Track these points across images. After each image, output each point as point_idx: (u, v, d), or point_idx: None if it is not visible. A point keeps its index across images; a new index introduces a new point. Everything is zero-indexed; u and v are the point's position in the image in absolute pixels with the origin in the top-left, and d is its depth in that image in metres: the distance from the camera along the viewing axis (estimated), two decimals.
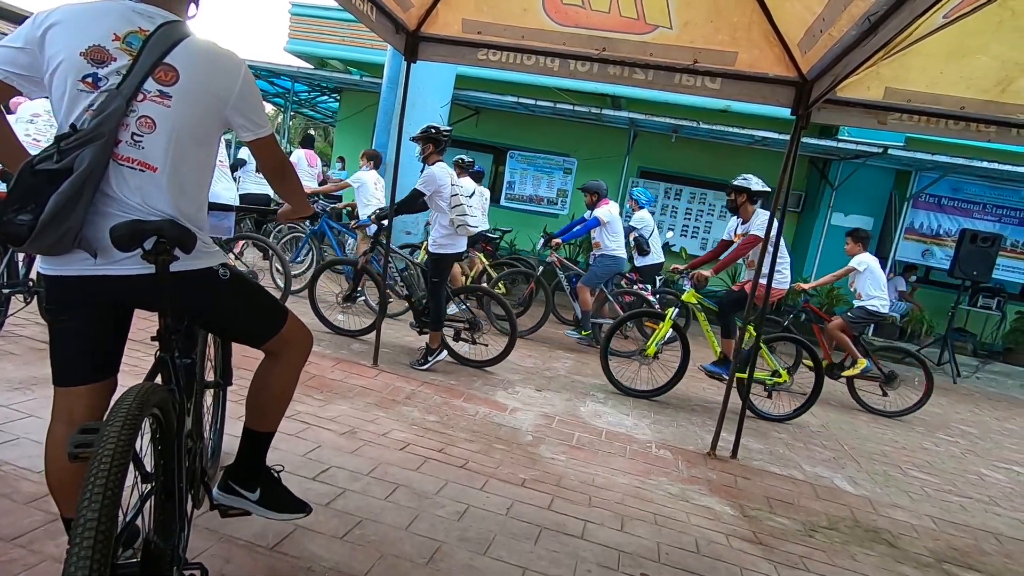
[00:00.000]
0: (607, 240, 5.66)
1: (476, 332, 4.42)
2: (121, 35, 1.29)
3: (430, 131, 4.04)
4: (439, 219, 4.08)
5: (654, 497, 2.73)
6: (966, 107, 2.86)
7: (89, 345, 1.37)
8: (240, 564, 1.74)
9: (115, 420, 1.06)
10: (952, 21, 2.03)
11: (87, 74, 1.27)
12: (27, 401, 2.50)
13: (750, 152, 10.09)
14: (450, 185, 4.01)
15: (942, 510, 3.20)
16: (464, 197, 4.06)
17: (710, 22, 3.00)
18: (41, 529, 1.72)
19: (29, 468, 1.99)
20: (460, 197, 4.02)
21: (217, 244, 1.55)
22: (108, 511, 0.95)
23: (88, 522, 0.93)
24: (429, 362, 4.11)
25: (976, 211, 9.22)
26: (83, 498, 0.95)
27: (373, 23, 3.16)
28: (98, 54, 1.27)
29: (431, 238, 4.16)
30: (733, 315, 4.40)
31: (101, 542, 0.93)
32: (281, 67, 10.67)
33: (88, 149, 1.23)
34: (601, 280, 5.75)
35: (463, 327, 4.43)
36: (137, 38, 1.30)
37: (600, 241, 5.70)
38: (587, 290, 5.71)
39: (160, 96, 1.31)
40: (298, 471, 2.34)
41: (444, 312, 4.20)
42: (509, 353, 4.35)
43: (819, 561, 2.40)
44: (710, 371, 4.46)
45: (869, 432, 4.51)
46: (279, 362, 1.61)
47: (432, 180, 3.98)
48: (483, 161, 11.55)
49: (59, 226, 1.22)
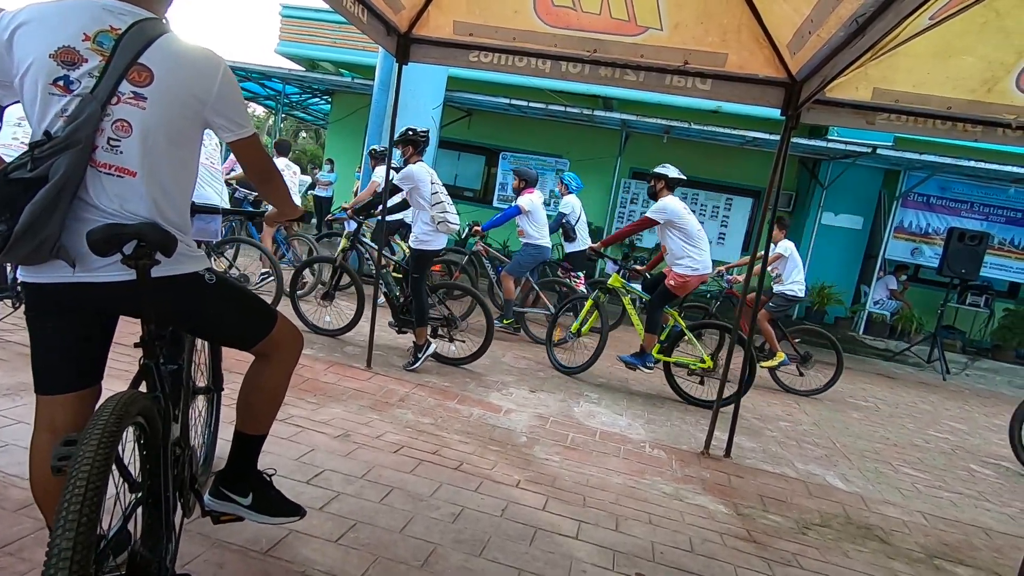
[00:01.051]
0: (529, 228, 5.74)
1: (452, 329, 4.45)
2: (91, 35, 1.24)
3: (407, 134, 4.12)
4: (420, 216, 4.11)
5: (648, 497, 2.74)
6: (952, 107, 2.89)
7: (70, 353, 1.34)
8: (233, 570, 1.73)
9: (91, 436, 1.03)
10: (938, 22, 2.06)
11: (58, 77, 1.22)
12: (15, 408, 2.47)
13: (741, 152, 10.16)
14: (429, 183, 4.04)
15: (933, 506, 3.23)
16: (444, 195, 4.09)
17: (700, 24, 3.02)
18: (30, 537, 1.70)
19: (18, 475, 1.97)
20: (440, 195, 4.06)
21: (206, 248, 1.52)
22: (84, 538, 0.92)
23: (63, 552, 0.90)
24: (419, 359, 4.12)
25: (964, 210, 9.32)
26: (57, 524, 0.92)
27: (364, 25, 3.16)
28: (68, 55, 1.23)
29: (413, 234, 4.19)
30: (661, 308, 4.50)
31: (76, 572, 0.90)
32: (272, 69, 10.64)
33: (63, 156, 1.19)
34: (525, 269, 5.82)
35: (439, 324, 4.45)
36: (108, 37, 1.25)
37: (523, 229, 5.77)
38: (511, 279, 5.79)
39: (135, 98, 1.26)
40: (291, 475, 2.32)
41: (427, 308, 4.22)
42: (486, 350, 4.36)
43: (812, 558, 2.41)
44: (627, 361, 4.55)
45: (861, 430, 4.54)
46: (270, 364, 1.59)
47: (410, 178, 4.03)
48: (475, 163, 11.59)
49: (34, 236, 1.19)
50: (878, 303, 9.63)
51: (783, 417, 4.53)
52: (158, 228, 1.26)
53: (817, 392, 5.37)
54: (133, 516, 1.30)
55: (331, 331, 4.64)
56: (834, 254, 9.89)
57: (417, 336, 4.19)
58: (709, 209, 10.60)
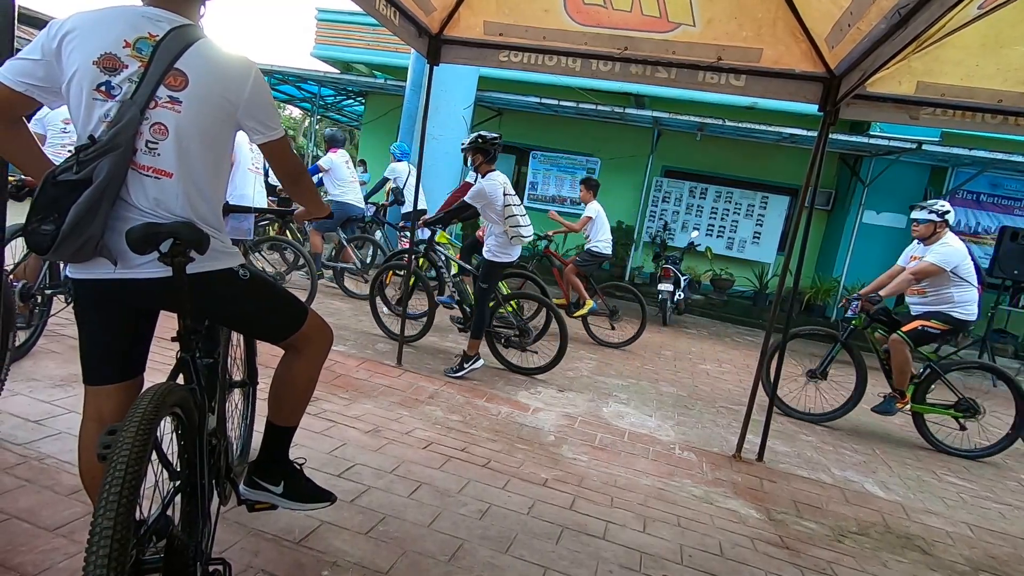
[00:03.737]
0: (331, 187, 6.17)
1: (525, 339, 4.31)
2: (131, 41, 1.30)
3: (477, 141, 3.97)
4: (492, 228, 4.02)
5: (677, 499, 2.71)
6: (1003, 100, 2.77)
7: (114, 345, 1.41)
8: (268, 557, 1.79)
9: (130, 424, 1.08)
10: (987, 12, 1.97)
11: (101, 83, 1.29)
12: (68, 398, 2.60)
13: (777, 149, 9.90)
14: (502, 196, 3.92)
15: (979, 517, 3.09)
16: (516, 207, 3.96)
17: (734, 18, 2.96)
18: (81, 520, 1.79)
19: (70, 462, 2.08)
20: (513, 207, 3.93)
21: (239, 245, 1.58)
22: (123, 519, 0.97)
23: (104, 530, 0.94)
24: (464, 370, 4.01)
25: (1017, 208, 8.88)
26: (99, 505, 0.97)
27: (396, 27, 3.21)
28: (110, 62, 1.29)
29: (486, 246, 4.09)
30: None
31: (117, 550, 0.94)
32: (308, 72, 10.88)
33: (106, 159, 1.25)
34: (332, 226, 6.11)
35: (512, 334, 4.34)
36: (147, 44, 1.31)
37: (327, 188, 6.21)
38: (318, 234, 6.17)
39: (171, 102, 1.32)
40: (324, 468, 2.38)
41: (487, 321, 4.11)
42: (561, 359, 4.21)
43: (848, 567, 2.34)
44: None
45: (903, 436, 4.38)
46: (300, 357, 1.64)
47: (480, 195, 3.92)
48: (506, 162, 11.61)
49: (80, 235, 1.25)
50: None
51: (819, 422, 4.40)
52: (192, 227, 1.30)
53: (625, 344, 5.76)
54: (172, 503, 1.36)
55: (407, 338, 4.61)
56: (876, 254, 9.52)
57: (469, 347, 4.07)
58: (744, 207, 10.35)
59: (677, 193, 10.66)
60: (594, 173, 10.94)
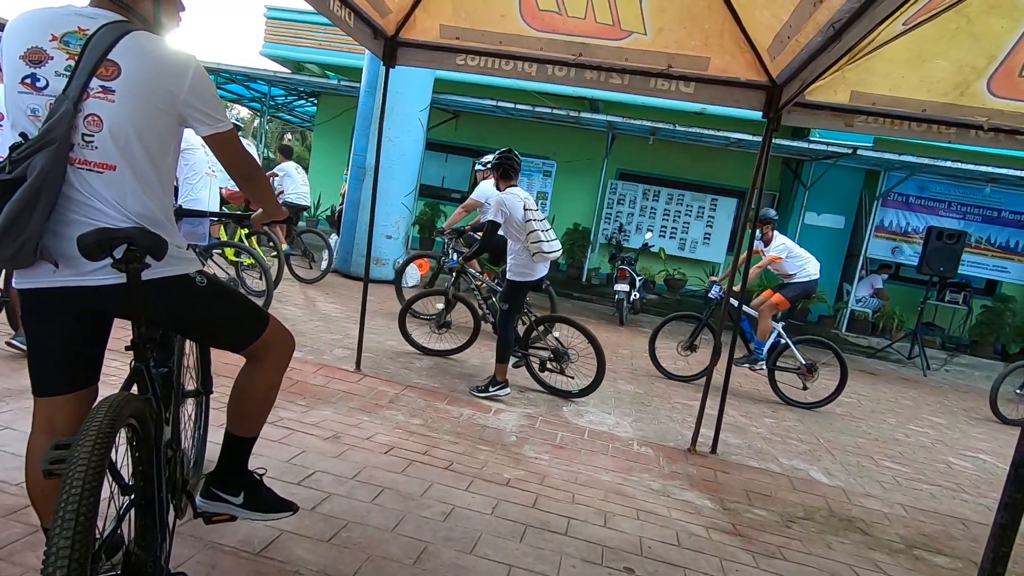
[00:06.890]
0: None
1: (563, 362, 4.12)
2: (58, 35, 1.28)
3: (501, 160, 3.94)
4: (513, 246, 3.92)
5: (636, 493, 2.78)
6: (927, 109, 2.98)
7: (67, 355, 1.35)
8: (226, 570, 1.74)
9: (86, 438, 1.04)
10: (911, 28, 2.13)
11: (26, 75, 1.26)
12: (1, 413, 2.45)
13: (725, 153, 10.29)
14: (522, 211, 3.81)
15: (913, 498, 3.32)
16: (538, 222, 3.84)
17: (683, 28, 3.07)
18: (21, 541, 1.70)
19: (6, 481, 1.96)
20: (534, 223, 3.82)
21: (195, 252, 1.53)
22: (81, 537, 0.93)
23: (61, 550, 0.91)
24: (488, 392, 3.84)
25: (942, 209, 9.52)
26: (55, 524, 0.93)
27: (351, 28, 3.17)
28: (35, 55, 1.26)
29: (508, 265, 3.98)
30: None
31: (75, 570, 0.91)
32: (257, 71, 10.57)
33: (40, 156, 1.21)
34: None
35: (548, 357, 4.17)
36: (75, 37, 1.28)
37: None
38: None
39: (103, 91, 1.27)
40: (283, 476, 2.33)
41: (511, 344, 3.95)
42: (600, 382, 4.05)
43: (796, 551, 2.47)
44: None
45: (844, 425, 4.64)
46: (262, 366, 1.60)
47: (501, 207, 3.82)
48: (463, 164, 11.61)
49: (16, 237, 1.19)
50: (860, 301, 9.81)
51: (768, 414, 4.61)
52: (148, 232, 1.26)
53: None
54: (126, 518, 1.31)
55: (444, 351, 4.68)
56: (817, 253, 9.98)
57: (497, 372, 3.90)
58: (695, 209, 10.72)
59: (631, 195, 10.93)
60: (551, 175, 11.10)
